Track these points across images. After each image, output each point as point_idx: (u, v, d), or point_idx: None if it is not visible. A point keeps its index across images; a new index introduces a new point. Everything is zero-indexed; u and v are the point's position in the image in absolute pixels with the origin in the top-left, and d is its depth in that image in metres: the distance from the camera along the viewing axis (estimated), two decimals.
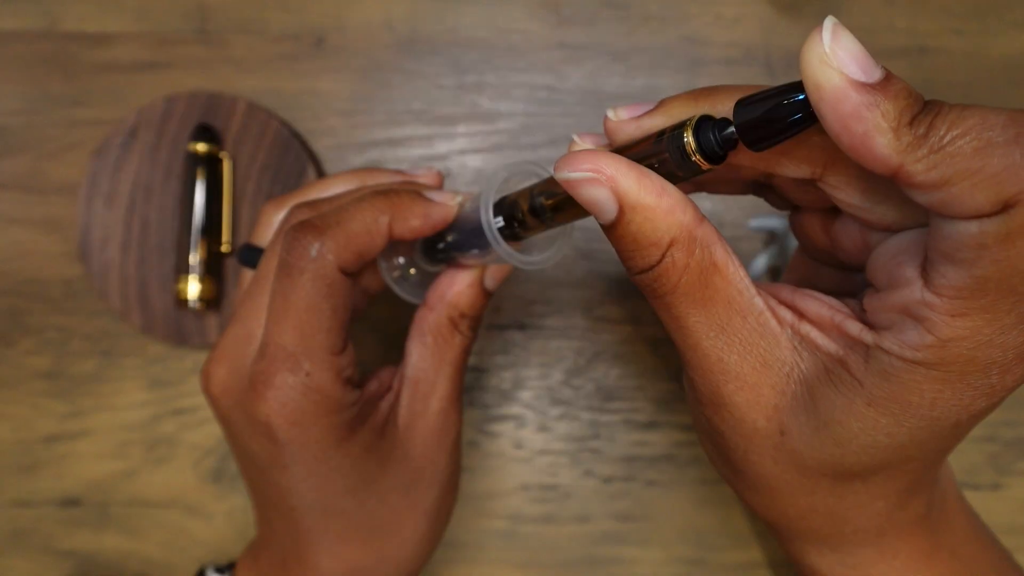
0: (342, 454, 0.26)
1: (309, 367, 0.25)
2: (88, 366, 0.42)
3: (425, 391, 0.28)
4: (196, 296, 0.40)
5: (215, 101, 0.41)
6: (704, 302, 0.20)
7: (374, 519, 0.28)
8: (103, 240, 0.41)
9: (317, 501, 0.27)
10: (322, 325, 0.25)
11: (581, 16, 0.43)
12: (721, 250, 0.20)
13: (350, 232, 0.25)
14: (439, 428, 0.29)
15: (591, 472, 0.42)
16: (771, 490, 0.23)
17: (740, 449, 0.22)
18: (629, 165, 0.19)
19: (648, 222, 0.19)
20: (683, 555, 0.42)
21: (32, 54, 0.43)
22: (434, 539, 0.30)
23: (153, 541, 0.42)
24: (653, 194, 0.19)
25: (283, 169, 0.41)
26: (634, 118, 0.22)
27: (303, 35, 0.43)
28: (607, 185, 0.19)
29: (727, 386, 0.21)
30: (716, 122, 0.19)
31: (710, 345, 0.21)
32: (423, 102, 0.43)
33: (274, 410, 0.25)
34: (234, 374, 0.27)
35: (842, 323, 0.20)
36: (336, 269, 0.25)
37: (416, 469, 0.28)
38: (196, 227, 0.40)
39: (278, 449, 0.26)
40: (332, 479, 0.26)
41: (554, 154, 0.43)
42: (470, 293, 0.28)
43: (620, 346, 0.42)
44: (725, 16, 0.43)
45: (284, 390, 0.25)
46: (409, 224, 0.26)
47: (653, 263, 0.20)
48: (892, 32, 0.43)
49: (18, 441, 0.42)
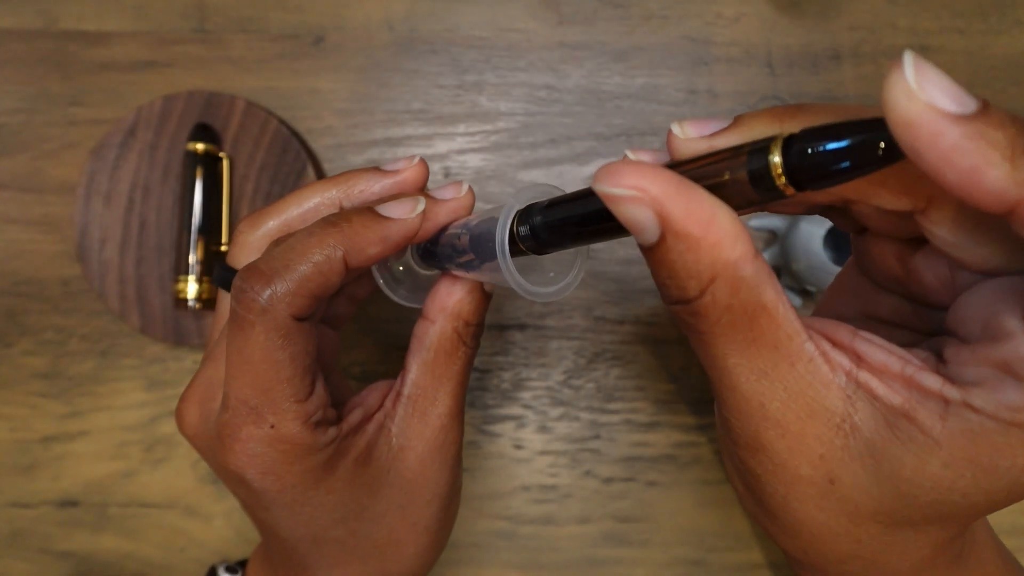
0: (324, 491, 0.25)
1: (273, 419, 0.23)
2: (86, 366, 0.42)
3: (424, 408, 0.27)
4: (194, 296, 0.39)
5: (214, 100, 0.41)
6: (747, 344, 0.19)
7: (370, 541, 0.27)
8: (101, 240, 0.41)
9: (306, 535, 0.26)
10: (281, 376, 0.23)
11: (581, 15, 0.43)
12: (771, 291, 0.18)
13: (301, 275, 0.23)
14: (438, 445, 0.27)
15: (591, 473, 0.42)
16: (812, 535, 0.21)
17: (778, 495, 0.21)
18: (679, 186, 0.17)
19: (690, 253, 0.17)
20: (683, 556, 0.41)
21: (30, 53, 0.43)
22: (436, 552, 0.29)
23: (151, 542, 0.42)
24: (701, 224, 0.17)
25: (282, 168, 0.41)
26: (705, 136, 0.20)
27: (302, 34, 0.43)
28: (650, 207, 0.17)
29: (767, 432, 0.20)
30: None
31: (751, 389, 0.19)
32: (423, 101, 0.43)
33: (244, 462, 0.24)
34: (204, 420, 0.26)
35: (914, 375, 0.19)
36: (289, 317, 0.23)
37: (412, 488, 0.27)
38: (195, 227, 0.40)
39: (255, 496, 0.25)
40: (317, 515, 0.25)
41: (554, 153, 0.43)
42: (471, 300, 0.26)
43: (620, 346, 0.42)
44: (725, 15, 0.43)
45: (251, 443, 0.24)
46: (366, 254, 0.24)
47: (691, 297, 0.18)
48: (893, 31, 0.42)
49: (16, 441, 0.42)
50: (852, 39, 0.43)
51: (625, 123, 0.43)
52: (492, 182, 0.43)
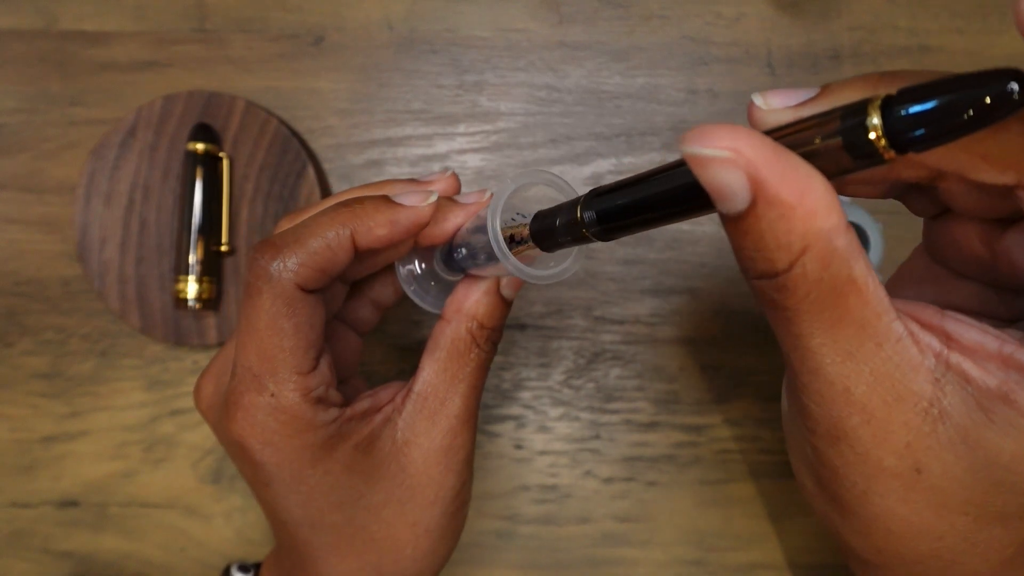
0: (320, 472, 0.25)
1: (274, 388, 0.24)
2: (86, 366, 0.42)
3: (433, 407, 0.27)
4: (195, 296, 0.39)
5: (214, 100, 0.41)
6: (833, 323, 0.18)
7: (367, 533, 0.27)
8: (101, 240, 0.41)
9: (304, 517, 0.26)
10: (284, 345, 0.24)
11: (581, 15, 0.43)
12: (862, 264, 0.17)
13: (309, 248, 0.24)
14: (445, 446, 0.27)
15: (591, 473, 0.42)
16: (890, 533, 0.20)
17: (858, 488, 0.20)
18: (775, 150, 0.16)
19: (783, 221, 0.16)
20: (683, 556, 0.41)
21: (30, 53, 0.43)
22: (438, 559, 0.29)
23: (152, 542, 0.42)
24: (796, 190, 0.16)
25: (282, 168, 0.41)
26: (791, 107, 0.19)
27: (302, 34, 0.43)
28: (744, 170, 0.16)
29: (851, 419, 0.19)
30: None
31: (835, 372, 0.18)
32: (423, 101, 0.43)
33: (245, 431, 0.25)
34: (217, 394, 0.27)
35: (1014, 354, 0.18)
36: (295, 287, 0.24)
37: (414, 486, 0.27)
38: (195, 227, 0.40)
39: (256, 468, 0.25)
40: (314, 496, 0.26)
41: (554, 153, 0.43)
42: (487, 302, 0.26)
43: (620, 346, 0.42)
44: (725, 15, 0.43)
45: (251, 411, 0.24)
46: (374, 234, 0.24)
47: (779, 270, 0.17)
48: (893, 31, 0.42)
49: (16, 441, 0.42)
50: (852, 39, 0.43)
51: (625, 123, 0.43)
52: (492, 182, 0.42)
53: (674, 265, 0.42)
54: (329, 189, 0.42)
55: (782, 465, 0.42)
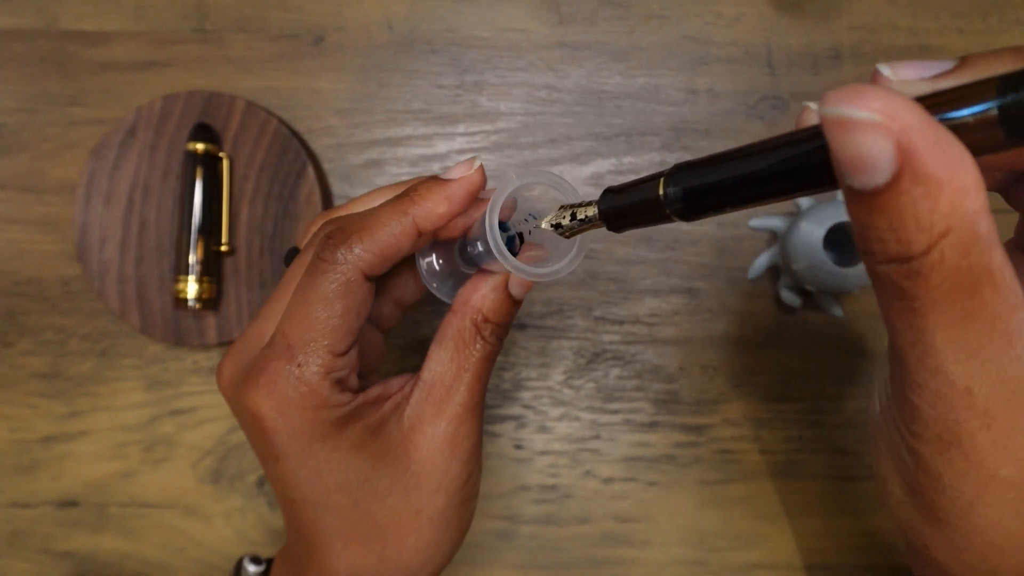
0: (329, 448, 0.26)
1: (302, 359, 0.25)
2: (86, 366, 0.42)
3: (439, 396, 0.27)
4: (194, 296, 0.39)
5: (214, 100, 0.41)
6: (963, 318, 0.16)
7: (372, 519, 0.27)
8: (101, 240, 0.41)
9: (311, 495, 0.27)
10: (329, 323, 0.25)
11: (581, 15, 0.43)
12: (1000, 254, 0.16)
13: (376, 237, 0.25)
14: (450, 434, 0.27)
15: (591, 473, 0.42)
16: (992, 547, 0.19)
17: (963, 498, 0.19)
18: (928, 120, 0.14)
19: (928, 200, 0.15)
20: (684, 556, 0.41)
21: (30, 53, 0.43)
22: (442, 550, 0.29)
23: (151, 542, 0.42)
24: (948, 165, 0.14)
25: (282, 168, 0.41)
26: (927, 79, 0.17)
27: (302, 34, 0.43)
28: (894, 138, 0.14)
29: (969, 423, 0.17)
30: None
31: (958, 371, 0.17)
32: (423, 101, 0.43)
33: (262, 396, 0.25)
34: (238, 370, 0.27)
35: None
36: (358, 271, 0.25)
37: (418, 472, 0.27)
38: (195, 227, 0.40)
39: (268, 440, 0.26)
40: (322, 473, 0.26)
41: (554, 153, 0.43)
42: (494, 297, 0.27)
43: (620, 346, 0.42)
44: (725, 15, 0.43)
45: (273, 377, 0.25)
46: (435, 213, 0.26)
47: (914, 254, 0.15)
48: (894, 31, 0.42)
49: (16, 441, 0.42)
50: (852, 39, 0.43)
51: (625, 123, 0.43)
52: (492, 182, 0.42)
53: (674, 265, 0.42)
54: (329, 189, 0.42)
55: (782, 465, 0.42)
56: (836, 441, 0.42)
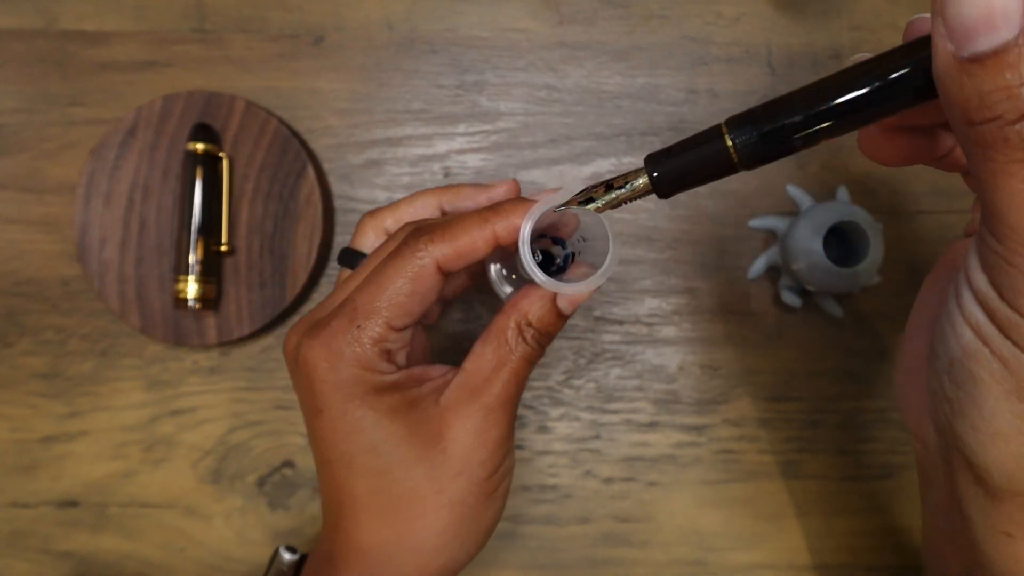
0: (366, 407, 0.28)
1: (363, 323, 0.28)
2: (86, 366, 0.42)
3: (476, 384, 0.29)
4: (194, 296, 0.39)
5: (214, 100, 0.41)
6: None
7: (396, 487, 0.28)
8: (101, 240, 0.41)
9: (345, 453, 0.28)
10: (394, 298, 0.28)
11: (581, 15, 0.43)
12: None
13: (457, 235, 0.28)
14: (481, 422, 0.29)
15: (591, 473, 0.42)
16: None
17: None
18: None
19: None
20: (684, 556, 0.41)
21: (30, 53, 0.43)
22: (458, 542, 0.30)
23: (151, 542, 0.42)
24: None
25: (282, 168, 0.41)
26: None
27: (302, 34, 0.43)
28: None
29: None
30: None
31: None
32: (422, 101, 0.43)
33: (319, 348, 0.28)
34: (296, 338, 0.29)
35: None
36: (433, 261, 0.28)
37: (446, 451, 0.29)
38: (194, 227, 0.40)
39: (315, 390, 0.28)
40: (356, 430, 0.28)
41: (554, 153, 0.43)
42: (540, 305, 0.29)
43: (620, 346, 0.42)
44: (725, 15, 0.43)
45: (334, 332, 0.28)
46: (514, 224, 0.28)
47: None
48: (894, 31, 0.42)
49: (16, 441, 0.42)
50: (852, 39, 0.43)
51: (625, 123, 0.43)
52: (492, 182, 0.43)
53: (674, 265, 0.42)
54: (329, 189, 0.42)
55: (782, 465, 0.42)
56: (836, 441, 0.42)
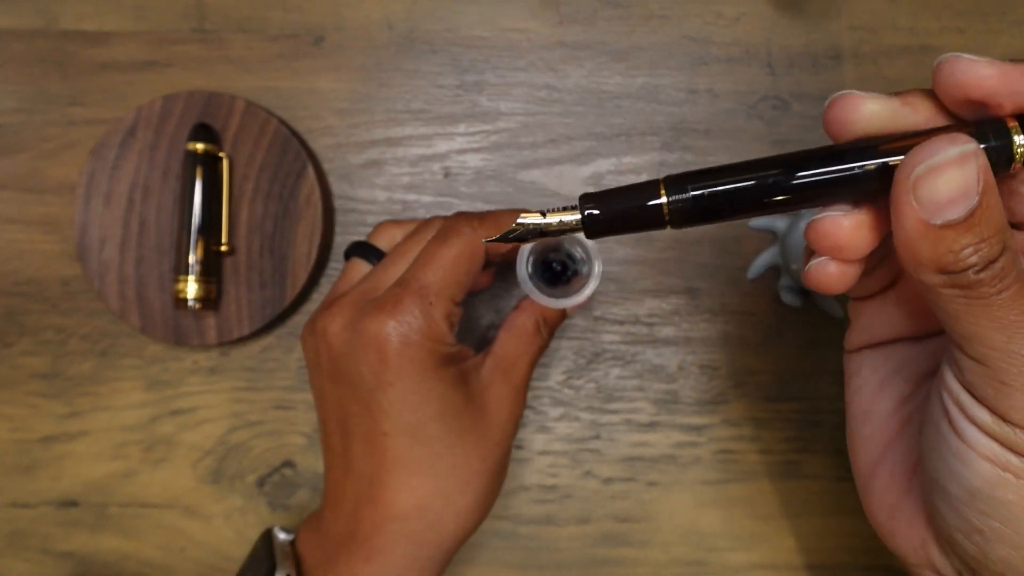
0: (438, 377, 0.31)
1: (434, 299, 0.30)
2: (86, 366, 0.42)
3: (507, 367, 0.34)
4: (195, 296, 0.39)
5: (214, 100, 0.41)
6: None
7: (452, 453, 0.31)
8: (101, 240, 0.41)
9: (409, 424, 0.30)
10: (457, 278, 0.31)
11: (581, 15, 0.43)
12: None
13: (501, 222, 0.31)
14: (512, 400, 0.33)
15: (591, 473, 0.42)
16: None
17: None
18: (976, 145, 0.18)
19: (998, 204, 0.18)
20: (684, 556, 0.41)
21: (30, 53, 0.43)
22: (490, 503, 0.33)
23: (151, 542, 0.42)
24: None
25: (282, 168, 0.41)
26: None
27: (302, 34, 0.43)
28: (979, 162, 0.18)
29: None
30: None
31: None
32: (422, 101, 0.43)
33: (392, 324, 0.30)
34: (357, 312, 0.31)
35: None
36: (480, 245, 0.31)
37: (489, 422, 0.32)
38: (194, 227, 0.40)
39: (385, 365, 0.30)
40: (428, 400, 0.30)
41: (554, 153, 0.43)
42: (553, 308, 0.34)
43: (620, 346, 0.42)
44: (725, 15, 0.43)
45: (407, 310, 0.30)
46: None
47: (997, 254, 0.18)
48: (894, 31, 0.42)
49: (16, 441, 0.42)
50: (852, 39, 0.43)
51: (625, 123, 0.43)
52: (492, 182, 0.42)
53: (674, 265, 0.42)
54: (329, 189, 0.42)
55: (782, 465, 0.42)
56: (836, 441, 0.42)
